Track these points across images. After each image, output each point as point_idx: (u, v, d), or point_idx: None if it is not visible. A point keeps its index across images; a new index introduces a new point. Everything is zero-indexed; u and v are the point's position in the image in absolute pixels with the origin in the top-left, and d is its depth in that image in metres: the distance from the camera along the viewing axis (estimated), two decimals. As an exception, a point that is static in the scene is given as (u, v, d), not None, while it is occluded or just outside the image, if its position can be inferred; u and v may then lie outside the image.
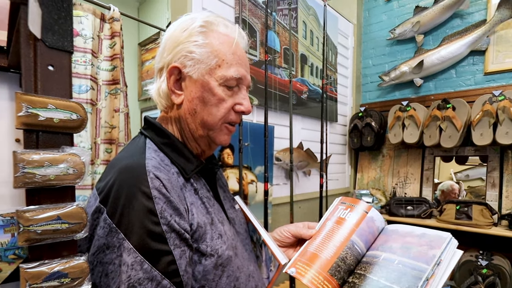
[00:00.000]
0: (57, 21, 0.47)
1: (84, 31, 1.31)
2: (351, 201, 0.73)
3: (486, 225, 1.86)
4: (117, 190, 0.54)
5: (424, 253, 0.57)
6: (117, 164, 0.59)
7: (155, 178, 0.55)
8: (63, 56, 0.48)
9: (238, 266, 0.65)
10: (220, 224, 0.65)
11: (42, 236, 0.44)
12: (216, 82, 0.64)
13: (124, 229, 0.52)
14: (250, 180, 1.69)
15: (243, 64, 0.67)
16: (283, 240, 0.79)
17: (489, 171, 2.09)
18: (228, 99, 0.65)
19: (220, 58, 0.64)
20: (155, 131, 0.67)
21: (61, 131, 0.47)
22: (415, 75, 2.39)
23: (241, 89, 0.68)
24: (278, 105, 1.89)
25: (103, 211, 0.54)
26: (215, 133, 0.67)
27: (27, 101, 0.43)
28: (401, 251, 0.60)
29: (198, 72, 0.63)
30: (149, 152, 0.61)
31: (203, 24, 0.65)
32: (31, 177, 0.43)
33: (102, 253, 0.53)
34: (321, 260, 0.63)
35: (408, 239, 0.62)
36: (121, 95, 1.42)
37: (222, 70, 0.64)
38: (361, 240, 0.66)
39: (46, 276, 0.44)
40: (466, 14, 2.26)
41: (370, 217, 0.68)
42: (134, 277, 0.50)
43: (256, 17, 1.74)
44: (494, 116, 1.90)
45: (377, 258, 0.61)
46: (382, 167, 2.62)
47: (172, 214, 0.54)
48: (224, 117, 0.66)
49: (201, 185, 0.67)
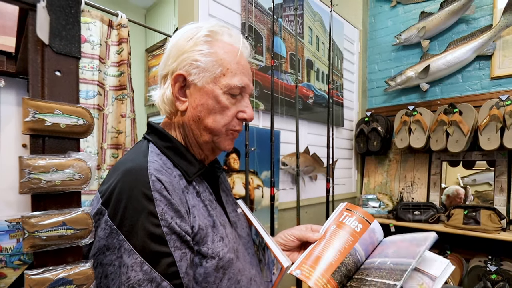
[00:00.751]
0: (64, 27, 0.47)
1: (92, 37, 1.32)
2: (356, 209, 0.76)
3: (495, 230, 1.83)
4: (119, 192, 0.54)
5: (412, 251, 0.62)
6: (120, 167, 0.59)
7: (156, 181, 0.55)
8: (71, 62, 0.48)
9: (239, 269, 0.65)
10: (221, 227, 0.65)
11: (47, 242, 0.44)
12: (221, 90, 0.65)
13: (124, 231, 0.52)
14: (256, 185, 1.68)
15: (246, 73, 0.69)
16: (288, 244, 0.80)
17: (497, 176, 2.06)
18: (232, 106, 0.67)
19: (225, 67, 0.65)
20: (158, 135, 0.68)
21: (68, 136, 0.47)
22: (421, 80, 2.38)
23: (244, 97, 0.69)
24: (284, 110, 1.89)
25: (104, 213, 0.55)
26: (219, 139, 0.68)
27: (34, 106, 0.43)
28: (393, 254, 0.66)
29: (203, 80, 0.65)
30: (151, 156, 0.61)
31: (208, 33, 0.66)
32: (36, 183, 0.43)
33: (102, 254, 0.53)
34: (325, 264, 0.65)
35: (400, 244, 0.68)
36: (128, 101, 1.43)
37: (226, 79, 0.65)
38: (362, 249, 0.70)
39: (50, 283, 0.44)
40: (472, 19, 2.24)
41: (372, 229, 0.73)
42: (134, 278, 0.50)
43: (263, 23, 1.75)
44: (501, 120, 1.88)
45: (373, 264, 0.67)
46: (388, 172, 2.59)
47: (173, 216, 0.55)
48: (228, 124, 0.67)
49: (203, 188, 0.68)
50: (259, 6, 1.73)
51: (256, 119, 1.75)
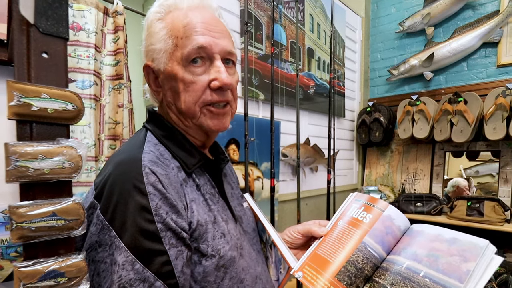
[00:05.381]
0: (51, 6, 0.44)
1: (87, 25, 1.28)
2: (366, 199, 0.65)
3: (499, 221, 1.81)
4: (111, 185, 0.51)
5: (456, 266, 0.48)
6: (114, 159, 0.56)
7: (150, 173, 0.51)
8: (58, 43, 0.45)
9: (243, 268, 0.61)
10: (223, 223, 0.61)
11: (36, 233, 0.42)
12: (179, 66, 0.57)
13: (116, 227, 0.49)
14: (256, 177, 1.66)
15: (206, 29, 0.58)
16: (294, 242, 0.74)
17: (501, 167, 2.04)
18: (198, 78, 0.58)
19: (174, 35, 0.58)
20: (156, 123, 0.64)
21: (56, 122, 0.44)
22: (425, 68, 2.33)
23: (213, 61, 0.59)
24: (285, 100, 1.86)
25: (96, 207, 0.52)
26: (199, 120, 0.60)
27: (19, 89, 0.41)
28: (427, 260, 0.51)
29: (162, 61, 0.59)
30: (147, 146, 0.58)
31: (157, 9, 0.61)
32: (24, 171, 0.41)
33: (94, 251, 0.51)
34: (329, 265, 0.57)
35: (436, 244, 0.53)
36: (125, 91, 1.40)
37: (180, 49, 0.57)
38: (377, 241, 0.58)
39: (41, 276, 0.42)
40: (478, 5, 2.19)
41: (386, 216, 0.60)
42: (125, 277, 0.47)
43: (262, 10, 1.70)
44: (507, 109, 1.85)
45: (400, 266, 0.54)
46: (390, 163, 2.57)
47: (168, 211, 0.51)
48: (199, 100, 0.58)
49: (204, 181, 0.63)
50: (259, -8, 1.68)
51: (255, 109, 1.72)
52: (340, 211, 0.68)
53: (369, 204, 0.64)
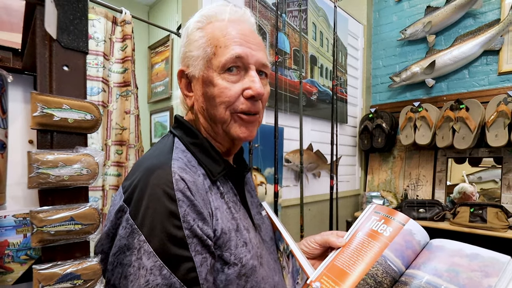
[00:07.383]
0: (72, 22, 0.47)
1: (96, 34, 1.32)
2: (386, 211, 0.65)
3: (502, 228, 1.81)
4: (141, 190, 0.52)
5: (477, 281, 0.47)
6: (144, 163, 0.57)
7: (180, 180, 0.53)
8: (78, 57, 0.48)
9: (262, 277, 0.61)
10: (245, 231, 0.61)
11: (55, 237, 0.44)
12: (215, 73, 0.60)
13: (145, 231, 0.50)
14: (260, 182, 1.68)
15: (244, 40, 0.60)
16: (311, 252, 0.73)
17: (504, 173, 2.04)
18: (232, 86, 0.59)
19: (214, 44, 0.60)
20: (184, 130, 0.65)
21: (75, 132, 0.47)
22: (426, 75, 2.36)
23: (248, 71, 0.61)
24: (288, 106, 1.88)
25: (126, 211, 0.53)
26: (228, 127, 0.62)
27: (43, 101, 0.43)
28: (448, 275, 0.50)
29: (199, 68, 0.61)
30: (176, 152, 0.59)
31: (199, 19, 0.63)
32: (45, 178, 0.43)
33: (122, 254, 0.52)
34: (348, 276, 0.56)
35: (456, 259, 0.52)
36: (132, 97, 1.43)
37: (218, 57, 0.59)
38: (396, 256, 0.57)
39: (58, 278, 0.44)
40: (479, 13, 2.21)
41: (407, 230, 0.59)
42: (153, 282, 0.48)
43: (266, 18, 1.74)
44: (509, 116, 1.86)
45: (419, 280, 0.52)
46: (393, 169, 2.58)
47: (195, 218, 0.52)
48: (231, 106, 0.60)
49: (227, 189, 0.64)
50: (263, 1, 1.72)
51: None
52: (358, 222, 0.67)
53: (388, 217, 0.63)
